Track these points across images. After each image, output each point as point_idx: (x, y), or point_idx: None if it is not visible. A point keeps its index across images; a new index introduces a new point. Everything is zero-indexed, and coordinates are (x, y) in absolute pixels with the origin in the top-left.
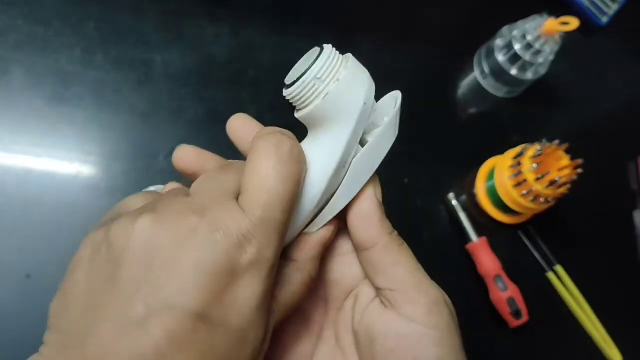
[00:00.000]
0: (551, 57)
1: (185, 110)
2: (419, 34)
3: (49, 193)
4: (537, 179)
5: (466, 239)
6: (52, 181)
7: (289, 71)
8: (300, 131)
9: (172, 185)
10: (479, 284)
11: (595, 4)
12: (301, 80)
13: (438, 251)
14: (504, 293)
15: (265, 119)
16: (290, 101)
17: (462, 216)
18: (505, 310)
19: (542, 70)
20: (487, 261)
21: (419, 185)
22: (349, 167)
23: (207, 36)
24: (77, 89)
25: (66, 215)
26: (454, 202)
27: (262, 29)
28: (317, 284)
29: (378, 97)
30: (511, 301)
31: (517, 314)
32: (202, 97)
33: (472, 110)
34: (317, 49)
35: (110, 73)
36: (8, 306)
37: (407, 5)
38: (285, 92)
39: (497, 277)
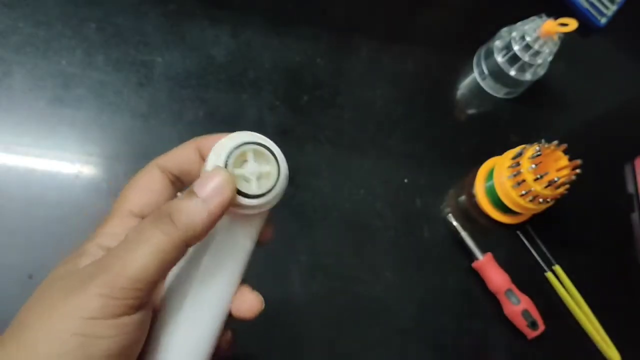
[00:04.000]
0: (550, 58)
1: (186, 112)
2: (418, 35)
3: (50, 193)
4: (536, 179)
5: (471, 257)
6: (54, 181)
7: (288, 72)
8: (298, 131)
9: None
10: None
11: (593, 5)
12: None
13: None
14: (517, 307)
15: (265, 120)
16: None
17: (465, 236)
18: (521, 323)
19: (541, 71)
20: (496, 278)
21: (419, 185)
22: None
23: (208, 37)
24: (78, 90)
25: (68, 215)
26: (455, 223)
27: (262, 30)
28: None
29: (379, 95)
30: (526, 314)
31: (533, 325)
32: (202, 98)
33: (472, 111)
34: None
35: (111, 74)
36: (10, 307)
37: (406, 7)
38: (262, 200)
39: (508, 291)
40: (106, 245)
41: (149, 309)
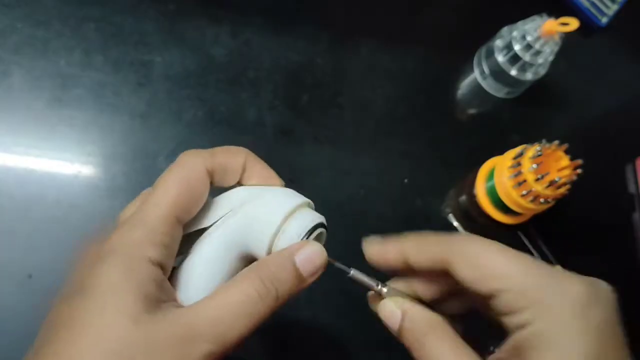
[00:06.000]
0: (551, 58)
1: (185, 112)
2: (419, 34)
3: (49, 193)
4: (537, 180)
5: None
6: (53, 181)
7: (288, 72)
8: (298, 131)
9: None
10: None
11: (594, 5)
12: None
13: None
14: None
15: (264, 120)
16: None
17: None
18: None
19: (542, 71)
20: None
21: (419, 185)
22: None
23: (207, 37)
24: (77, 90)
25: (67, 215)
26: (455, 224)
27: (262, 29)
28: None
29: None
30: None
31: None
32: (201, 98)
33: (472, 111)
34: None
35: (110, 74)
36: (9, 306)
37: (406, 6)
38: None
39: None
40: (159, 261)
41: None
